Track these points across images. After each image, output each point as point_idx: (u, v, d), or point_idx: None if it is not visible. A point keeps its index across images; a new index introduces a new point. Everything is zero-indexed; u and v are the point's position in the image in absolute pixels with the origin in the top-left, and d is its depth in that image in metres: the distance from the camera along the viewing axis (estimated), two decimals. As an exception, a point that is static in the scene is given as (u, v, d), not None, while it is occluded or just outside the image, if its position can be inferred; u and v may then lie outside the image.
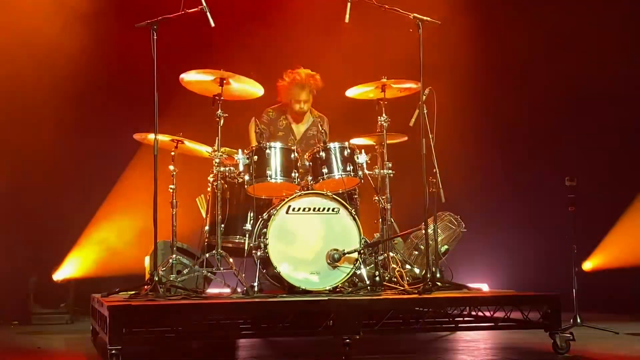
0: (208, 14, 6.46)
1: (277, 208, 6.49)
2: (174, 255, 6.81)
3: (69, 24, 8.63)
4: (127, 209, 8.84)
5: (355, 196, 7.10)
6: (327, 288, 6.42)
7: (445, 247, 7.57)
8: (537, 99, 9.50)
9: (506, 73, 9.37)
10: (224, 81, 6.67)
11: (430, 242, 6.72)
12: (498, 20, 9.45)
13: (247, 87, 6.88)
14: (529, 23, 9.31)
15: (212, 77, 6.67)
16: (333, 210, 6.54)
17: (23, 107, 8.66)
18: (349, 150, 6.80)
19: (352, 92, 7.16)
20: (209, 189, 7.02)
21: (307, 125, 7.56)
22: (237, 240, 6.84)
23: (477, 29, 9.34)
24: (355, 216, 6.56)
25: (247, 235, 6.72)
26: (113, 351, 5.29)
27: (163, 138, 6.82)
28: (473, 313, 6.00)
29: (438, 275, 6.71)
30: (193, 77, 6.74)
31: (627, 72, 9.12)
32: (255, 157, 6.67)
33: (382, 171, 6.94)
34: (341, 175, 6.73)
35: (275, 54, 8.78)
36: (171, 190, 6.88)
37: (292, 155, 6.75)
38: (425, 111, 6.63)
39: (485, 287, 6.76)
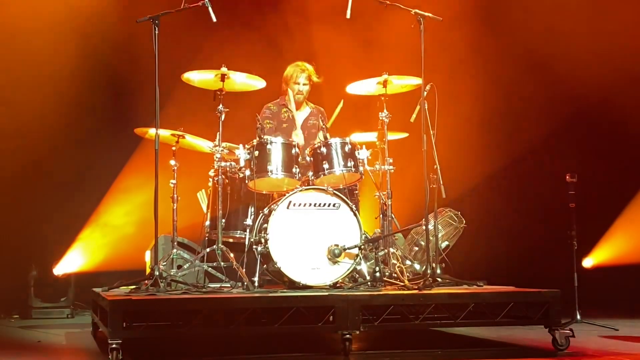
0: (210, 8, 6.46)
1: (278, 203, 6.49)
2: (175, 250, 6.83)
3: (70, 19, 8.63)
4: (128, 204, 8.85)
5: (356, 192, 7.10)
6: (328, 283, 6.42)
7: (446, 243, 7.58)
8: (538, 95, 9.50)
9: (508, 69, 9.36)
10: (225, 76, 6.69)
11: (431, 238, 6.73)
12: (500, 16, 9.43)
13: (248, 81, 6.89)
14: (532, 20, 9.30)
15: (214, 75, 6.69)
16: (334, 205, 6.55)
17: (24, 102, 8.65)
18: (350, 146, 6.81)
19: (354, 89, 7.17)
20: (209, 184, 7.03)
21: (306, 115, 7.58)
22: (237, 235, 6.86)
23: (479, 25, 9.33)
24: (356, 212, 6.56)
25: (247, 230, 6.74)
26: (113, 345, 5.30)
27: (164, 133, 6.83)
28: (473, 309, 6.00)
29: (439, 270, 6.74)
30: (195, 77, 6.75)
31: (628, 69, 9.12)
32: (257, 153, 6.68)
33: (383, 167, 6.95)
34: (342, 171, 6.74)
35: (277, 50, 8.78)
36: (172, 185, 6.90)
37: (293, 151, 6.76)
38: (426, 107, 6.63)
39: (485, 283, 6.75)
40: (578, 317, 7.11)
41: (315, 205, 6.53)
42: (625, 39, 9.15)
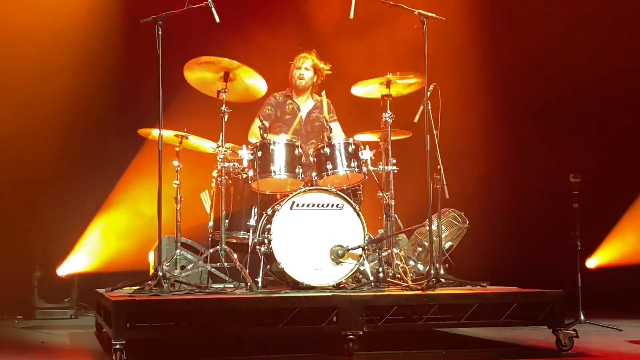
0: (213, 9, 6.46)
1: (281, 204, 6.50)
2: (178, 251, 6.84)
3: (74, 19, 8.64)
4: (131, 204, 8.86)
5: (359, 192, 7.10)
6: (331, 284, 6.43)
7: (449, 243, 7.57)
8: (542, 96, 9.49)
9: (511, 69, 9.36)
10: (228, 75, 6.69)
11: (434, 239, 6.73)
12: (503, 16, 9.43)
13: (251, 82, 6.89)
14: (535, 19, 9.30)
15: (217, 74, 6.69)
16: (337, 206, 6.55)
17: (27, 102, 8.66)
18: (353, 147, 6.81)
19: (358, 91, 7.16)
20: (213, 185, 7.04)
21: (309, 107, 7.59)
22: (241, 236, 6.87)
23: (482, 24, 9.33)
24: (359, 212, 6.56)
25: (251, 231, 6.74)
26: (117, 346, 5.30)
27: (167, 133, 6.84)
28: (476, 309, 6.00)
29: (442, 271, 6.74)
30: (197, 72, 6.74)
31: (633, 68, 9.11)
32: (260, 153, 6.69)
33: (386, 167, 6.95)
34: (345, 171, 6.74)
35: (280, 50, 8.77)
36: (175, 186, 6.90)
37: (296, 151, 6.77)
38: (429, 107, 6.63)
39: (488, 284, 6.76)
40: (582, 317, 7.09)
41: (318, 205, 6.53)
42: (630, 38, 9.15)
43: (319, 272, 6.44)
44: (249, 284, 6.32)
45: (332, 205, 6.55)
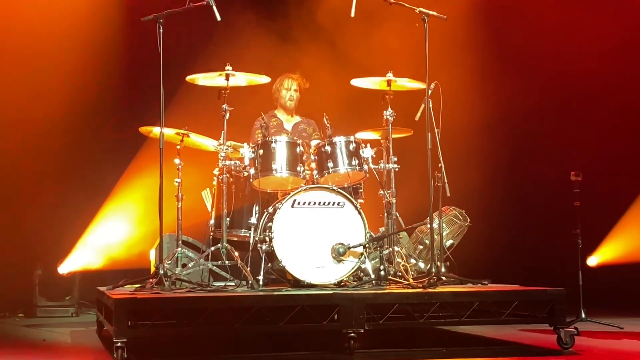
0: (214, 7, 6.47)
1: (283, 202, 6.50)
2: (180, 249, 6.84)
3: (75, 18, 8.64)
4: (133, 202, 8.86)
5: (360, 190, 7.10)
6: (332, 282, 6.43)
7: (451, 241, 7.56)
8: (543, 93, 9.48)
9: (512, 67, 9.35)
10: (230, 76, 6.70)
11: (436, 237, 6.72)
12: (505, 14, 9.42)
13: (253, 77, 6.90)
14: (536, 17, 9.29)
15: (218, 74, 6.70)
16: (338, 204, 6.55)
17: (29, 100, 8.66)
18: (354, 145, 6.81)
19: (358, 82, 7.14)
20: (214, 183, 7.04)
21: (296, 121, 7.65)
22: (242, 234, 6.87)
23: (483, 23, 9.32)
24: (361, 210, 6.56)
25: (252, 229, 6.74)
26: (118, 344, 5.31)
27: (169, 131, 6.84)
28: (477, 307, 6.00)
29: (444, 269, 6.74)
30: (199, 76, 6.77)
31: (635, 66, 9.11)
32: (261, 151, 6.69)
33: (387, 165, 6.95)
34: (347, 169, 6.74)
35: (281, 49, 8.77)
36: (177, 184, 6.91)
37: (298, 149, 6.77)
38: (431, 105, 6.63)
39: (489, 282, 6.76)
40: (583, 315, 7.11)
41: (319, 203, 6.53)
42: (631, 37, 9.15)
43: (320, 270, 6.44)
44: (250, 282, 6.33)
45: (334, 203, 6.55)
